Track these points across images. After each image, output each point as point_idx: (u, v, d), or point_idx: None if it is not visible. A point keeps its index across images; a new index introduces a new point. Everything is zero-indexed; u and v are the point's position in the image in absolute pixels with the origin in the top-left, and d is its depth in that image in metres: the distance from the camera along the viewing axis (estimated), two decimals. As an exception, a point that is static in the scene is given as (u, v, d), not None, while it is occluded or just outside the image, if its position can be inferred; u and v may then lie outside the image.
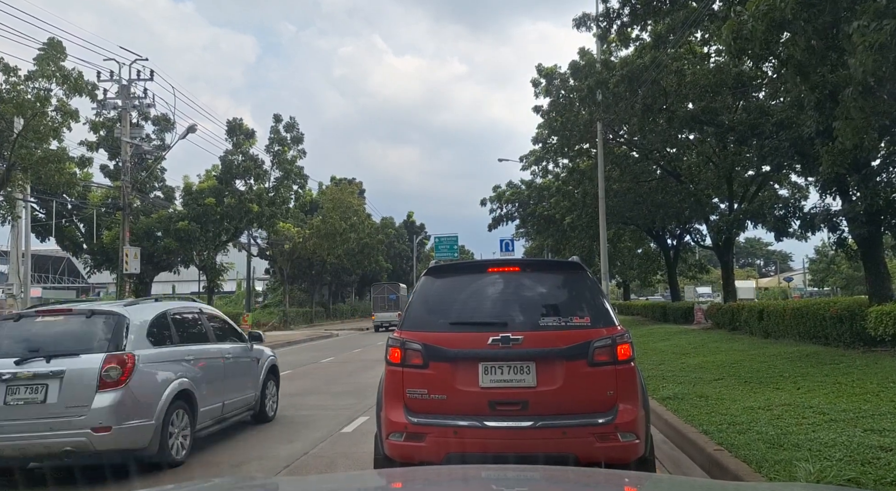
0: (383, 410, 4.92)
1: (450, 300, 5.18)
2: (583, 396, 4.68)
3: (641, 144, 24.88)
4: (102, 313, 6.84)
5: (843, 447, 5.61)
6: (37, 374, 6.21)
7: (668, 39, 15.88)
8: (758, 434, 6.33)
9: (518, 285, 5.20)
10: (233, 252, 40.91)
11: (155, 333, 7.06)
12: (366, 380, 13.33)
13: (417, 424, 4.71)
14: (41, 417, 6.11)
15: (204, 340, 8.10)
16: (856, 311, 12.80)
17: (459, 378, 4.73)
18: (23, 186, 19.70)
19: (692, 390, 9.37)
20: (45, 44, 16.56)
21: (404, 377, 4.84)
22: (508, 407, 4.68)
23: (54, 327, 6.80)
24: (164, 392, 6.70)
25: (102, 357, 6.34)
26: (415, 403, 4.78)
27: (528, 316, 4.95)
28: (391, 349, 4.95)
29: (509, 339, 4.70)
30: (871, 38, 7.20)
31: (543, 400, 4.66)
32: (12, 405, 6.14)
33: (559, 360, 4.70)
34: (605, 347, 4.72)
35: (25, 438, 6.09)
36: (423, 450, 4.67)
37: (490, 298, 5.16)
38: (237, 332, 9.10)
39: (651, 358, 14.54)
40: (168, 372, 6.91)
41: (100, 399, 6.20)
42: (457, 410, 4.71)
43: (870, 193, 12.86)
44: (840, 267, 57.61)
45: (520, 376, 4.71)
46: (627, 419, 4.62)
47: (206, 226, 31.60)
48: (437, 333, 4.91)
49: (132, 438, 6.35)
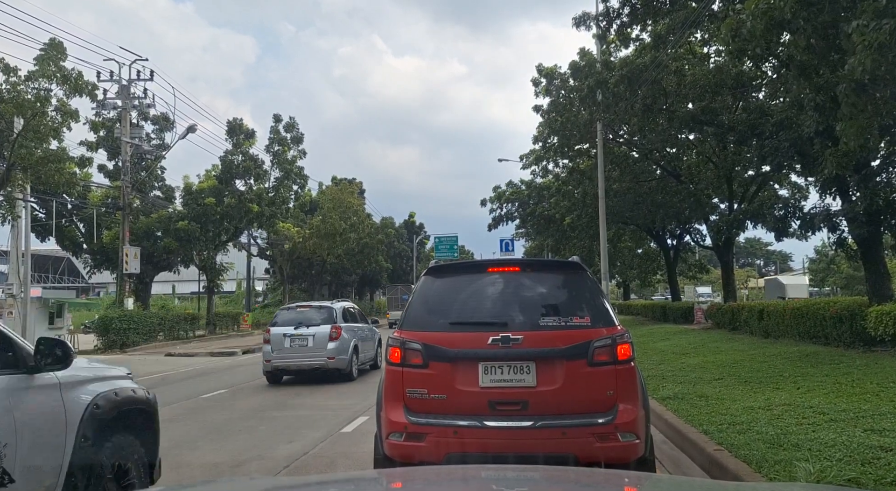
0: (383, 409, 4.87)
1: (450, 300, 5.16)
2: (583, 396, 4.64)
3: (641, 144, 24.89)
4: (324, 307, 14.47)
5: (843, 447, 5.61)
6: (303, 333, 13.49)
7: (668, 39, 15.88)
8: (758, 434, 6.33)
9: (518, 285, 5.16)
10: (233, 252, 40.89)
11: (345, 316, 14.44)
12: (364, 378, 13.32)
13: (417, 424, 4.67)
14: (305, 352, 13.41)
15: (357, 320, 15.17)
16: (856, 311, 12.80)
17: (459, 378, 4.70)
18: (23, 186, 19.70)
19: (692, 390, 9.37)
20: (45, 44, 16.57)
21: (404, 377, 4.80)
22: (508, 407, 4.65)
23: (305, 313, 14.25)
24: (350, 344, 13.86)
25: (329, 327, 13.60)
26: (415, 402, 4.74)
27: (528, 316, 4.92)
28: (391, 349, 4.91)
29: (509, 339, 4.67)
30: (871, 37, 7.20)
31: (543, 400, 4.63)
32: (293, 347, 13.44)
33: (559, 360, 4.67)
34: (605, 347, 4.68)
35: (298, 361, 13.51)
36: (423, 450, 4.63)
37: (490, 298, 5.13)
38: (366, 318, 16.31)
39: (651, 358, 14.55)
40: (351, 335, 14.07)
41: (329, 345, 13.40)
42: (457, 409, 4.67)
43: (870, 194, 12.86)
44: (840, 267, 57.55)
45: (520, 376, 4.68)
46: (627, 419, 4.58)
47: (205, 226, 31.59)
48: (436, 332, 4.88)
49: (340, 365, 13.46)
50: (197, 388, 13.72)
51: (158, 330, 28.37)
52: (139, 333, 26.24)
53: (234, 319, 37.88)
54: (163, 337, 28.67)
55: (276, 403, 11.30)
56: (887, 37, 7.07)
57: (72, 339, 25.91)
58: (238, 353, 23.16)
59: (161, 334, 28.59)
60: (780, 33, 8.83)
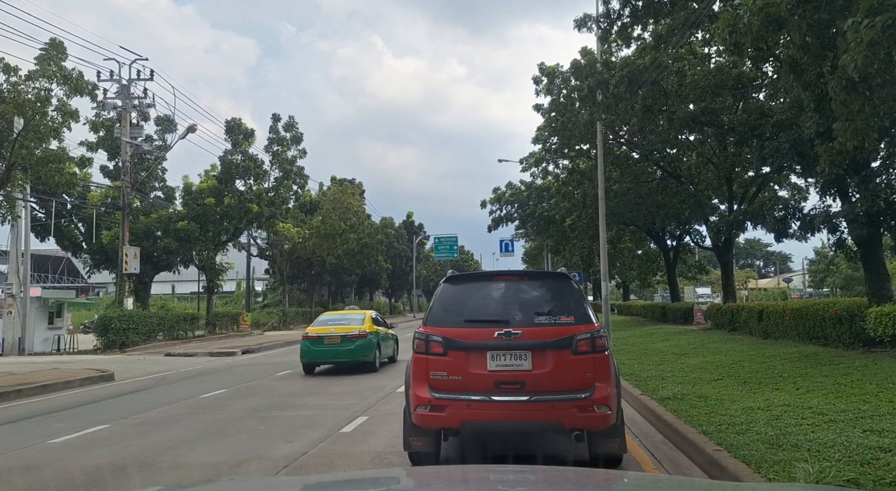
0: (411, 388, 6.04)
1: (463, 302, 6.29)
2: (568, 378, 5.76)
3: (642, 145, 24.88)
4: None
5: (842, 448, 5.61)
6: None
7: (669, 40, 15.88)
8: (757, 434, 6.33)
9: (517, 291, 6.31)
10: (233, 252, 40.85)
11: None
12: (363, 381, 13.28)
13: (439, 399, 5.83)
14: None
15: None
16: (855, 312, 12.81)
17: (472, 363, 5.85)
18: (22, 186, 19.69)
19: (691, 391, 9.38)
20: (46, 44, 16.55)
21: (428, 363, 5.97)
22: (510, 386, 5.78)
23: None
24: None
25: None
26: (437, 382, 5.91)
27: (525, 315, 6.03)
28: (417, 341, 6.10)
29: (510, 333, 5.81)
30: (864, 34, 7.20)
31: (537, 380, 5.75)
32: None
33: (549, 349, 5.80)
34: (586, 340, 5.82)
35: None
36: (443, 418, 5.81)
37: (495, 301, 6.24)
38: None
39: (651, 358, 14.54)
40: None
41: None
42: (470, 388, 5.82)
43: (870, 195, 12.86)
44: (840, 267, 57.55)
45: (518, 362, 5.82)
46: (602, 395, 5.70)
47: (205, 226, 31.57)
48: (453, 328, 6.02)
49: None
50: (196, 388, 13.71)
51: (158, 330, 28.34)
52: (138, 333, 26.21)
53: (233, 320, 37.84)
54: (162, 337, 28.65)
55: (276, 403, 11.29)
56: (879, 33, 7.06)
57: (71, 339, 25.89)
58: (238, 353, 23.14)
59: (160, 334, 28.57)
60: (777, 30, 8.84)
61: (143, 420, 9.86)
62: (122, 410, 10.86)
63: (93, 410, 11.21)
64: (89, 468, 6.88)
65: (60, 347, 25.48)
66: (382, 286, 70.30)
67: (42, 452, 7.78)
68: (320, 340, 15.49)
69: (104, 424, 9.45)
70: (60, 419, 10.24)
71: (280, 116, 39.45)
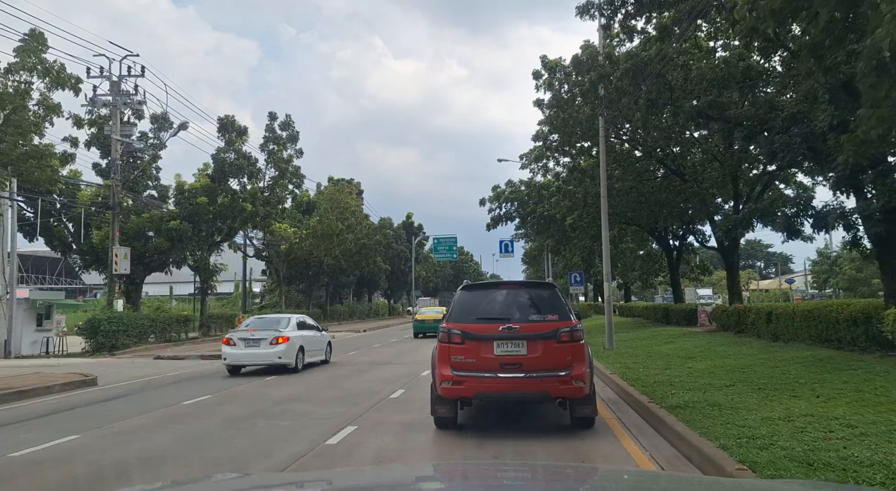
0: (437, 368, 8.08)
1: (476, 304, 8.41)
2: (553, 361, 7.82)
3: (644, 142, 24.23)
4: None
5: (882, 468, 4.99)
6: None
7: (674, 32, 15.26)
8: (783, 450, 5.71)
9: (516, 296, 8.53)
10: (229, 253, 40.21)
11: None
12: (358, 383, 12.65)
13: (458, 376, 7.88)
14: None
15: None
16: (871, 313, 12.20)
17: (482, 350, 7.89)
18: (4, 184, 19.03)
19: (703, 398, 8.75)
20: (25, 34, 15.90)
21: (450, 350, 7.98)
22: (511, 366, 7.82)
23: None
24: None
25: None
26: (456, 364, 7.93)
27: (522, 314, 8.16)
28: (442, 333, 8.14)
29: (511, 327, 7.91)
30: None
31: (531, 362, 7.81)
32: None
33: (540, 339, 7.88)
34: (567, 332, 7.90)
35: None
36: (461, 390, 7.92)
37: (500, 304, 8.40)
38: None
39: (656, 362, 13.89)
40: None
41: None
42: (481, 368, 7.86)
43: (887, 190, 12.24)
44: (843, 268, 56.95)
45: (517, 349, 7.87)
46: (578, 373, 7.81)
47: (198, 225, 30.91)
48: (469, 323, 8.07)
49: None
50: (180, 393, 13.07)
51: (149, 332, 27.68)
52: (129, 335, 25.57)
53: (228, 321, 37.12)
54: (154, 339, 28.01)
55: (261, 410, 10.66)
56: None
57: (60, 341, 25.22)
58: (230, 355, 22.47)
59: (152, 337, 27.92)
60: (803, 7, 8.17)
61: (117, 430, 9.23)
62: (98, 419, 10.22)
63: (67, 418, 10.57)
64: (41, 489, 6.25)
65: (49, 350, 24.83)
66: (381, 287, 69.64)
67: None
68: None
69: (74, 435, 8.81)
70: (29, 429, 9.60)
71: (276, 115, 38.65)
